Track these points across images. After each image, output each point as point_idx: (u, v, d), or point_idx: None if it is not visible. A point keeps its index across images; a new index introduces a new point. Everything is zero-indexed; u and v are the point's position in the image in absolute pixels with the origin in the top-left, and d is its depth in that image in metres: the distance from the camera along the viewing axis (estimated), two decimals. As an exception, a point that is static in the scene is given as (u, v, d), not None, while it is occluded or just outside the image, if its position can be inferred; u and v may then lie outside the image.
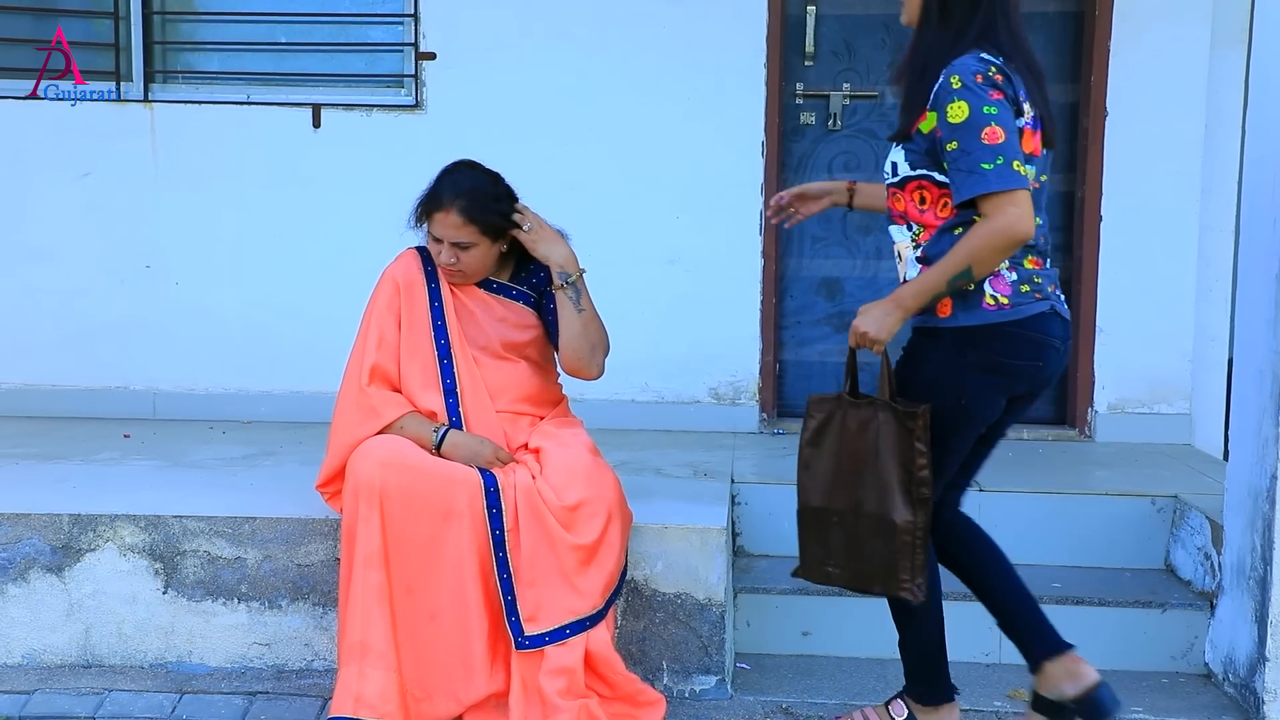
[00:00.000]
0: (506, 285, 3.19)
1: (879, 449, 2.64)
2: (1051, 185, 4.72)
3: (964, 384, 2.64)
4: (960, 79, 2.50)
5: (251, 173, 4.79)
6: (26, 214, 4.83)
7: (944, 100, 2.51)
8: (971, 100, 2.48)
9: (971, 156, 2.48)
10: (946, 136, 2.52)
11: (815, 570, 2.78)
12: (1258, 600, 3.07)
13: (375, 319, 3.11)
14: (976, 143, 2.47)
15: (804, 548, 2.78)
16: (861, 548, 2.68)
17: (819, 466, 2.73)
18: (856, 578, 2.73)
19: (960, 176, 2.50)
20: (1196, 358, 4.67)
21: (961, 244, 2.52)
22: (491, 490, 2.93)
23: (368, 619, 2.86)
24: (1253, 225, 3.17)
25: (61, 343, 4.85)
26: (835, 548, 2.72)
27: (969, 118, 2.48)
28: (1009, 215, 2.46)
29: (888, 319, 2.60)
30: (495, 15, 4.69)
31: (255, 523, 3.28)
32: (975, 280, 2.54)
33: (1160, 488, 3.79)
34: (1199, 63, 4.56)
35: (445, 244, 3.03)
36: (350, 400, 3.06)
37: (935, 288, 2.55)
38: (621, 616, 3.18)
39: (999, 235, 2.47)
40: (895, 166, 2.67)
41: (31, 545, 3.28)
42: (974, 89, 2.49)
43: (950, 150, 2.51)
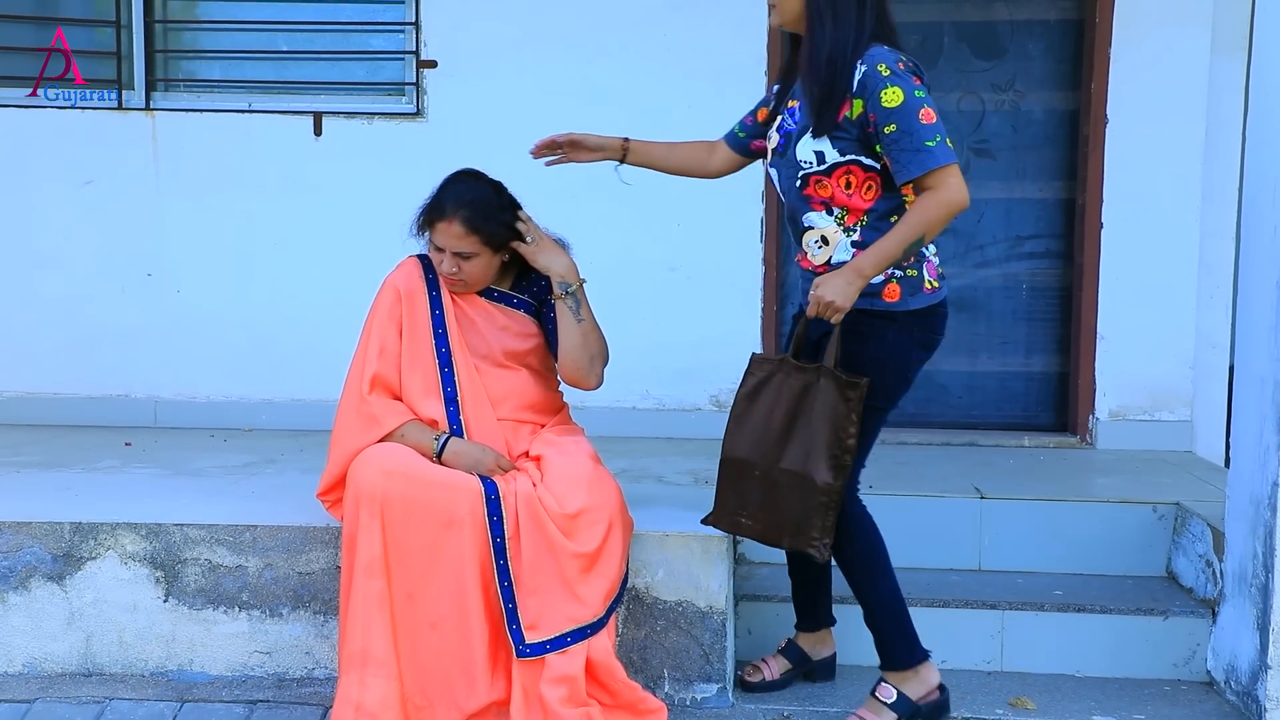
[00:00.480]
0: (507, 294, 3.19)
1: (814, 412, 2.79)
2: (1052, 192, 4.77)
3: (910, 360, 2.89)
4: (887, 66, 2.67)
5: (253, 180, 4.80)
6: (28, 222, 4.84)
7: (876, 87, 2.67)
8: (903, 85, 2.66)
9: (914, 136, 2.65)
10: (883, 120, 2.68)
11: (726, 519, 2.98)
12: (1260, 608, 3.07)
13: (376, 327, 3.11)
14: (916, 123, 2.65)
15: (720, 496, 2.97)
16: (777, 501, 2.85)
17: (750, 420, 2.89)
18: (768, 530, 2.90)
19: (906, 155, 2.67)
20: (1197, 365, 4.67)
21: (914, 215, 2.69)
22: (492, 498, 2.92)
23: (368, 627, 2.86)
24: (1253, 232, 3.17)
25: (63, 351, 4.85)
26: (750, 499, 2.90)
27: (905, 101, 2.66)
28: (952, 187, 2.67)
29: (849, 287, 2.71)
30: (496, 23, 4.70)
31: (256, 531, 3.27)
32: (923, 247, 2.75)
33: (1162, 495, 3.78)
34: (1199, 69, 4.57)
35: (447, 253, 3.03)
36: (351, 408, 3.06)
37: (893, 256, 2.70)
38: (623, 624, 3.18)
39: (946, 206, 2.68)
40: (821, 155, 2.77)
41: (32, 553, 3.28)
42: (901, 75, 2.68)
43: (889, 133, 2.67)
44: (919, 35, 4.77)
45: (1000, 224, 4.83)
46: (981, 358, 4.88)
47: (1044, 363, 4.88)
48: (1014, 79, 4.78)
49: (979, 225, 4.83)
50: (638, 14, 4.67)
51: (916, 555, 3.69)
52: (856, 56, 2.71)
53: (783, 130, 2.91)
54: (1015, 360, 4.88)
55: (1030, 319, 4.87)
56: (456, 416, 3.08)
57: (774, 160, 2.95)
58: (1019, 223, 4.83)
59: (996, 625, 3.41)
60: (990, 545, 3.71)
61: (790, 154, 2.84)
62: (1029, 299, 4.86)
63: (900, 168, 2.69)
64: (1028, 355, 4.87)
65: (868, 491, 3.58)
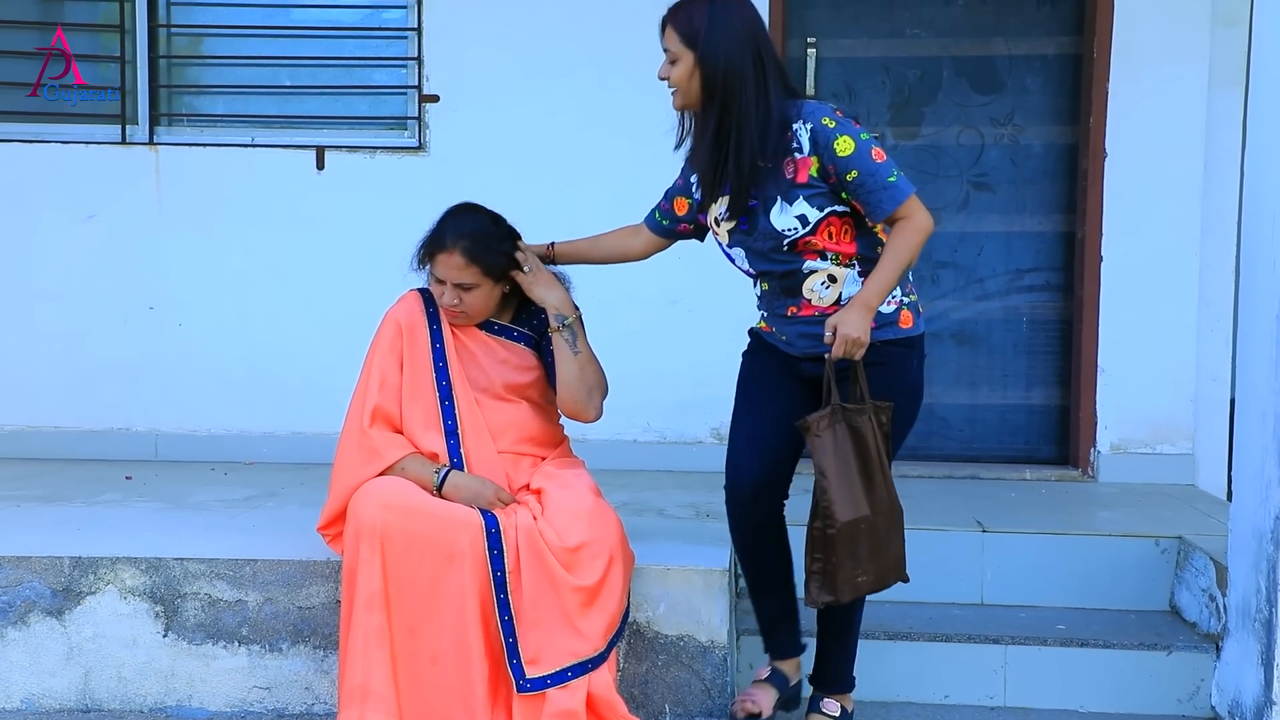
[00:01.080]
0: (507, 327, 3.19)
1: (873, 447, 2.81)
2: (1052, 225, 4.79)
3: (924, 383, 3.04)
4: (829, 119, 2.77)
5: (255, 214, 4.82)
6: (31, 256, 4.86)
7: (828, 140, 2.75)
8: (849, 132, 2.76)
9: (876, 177, 2.75)
10: (843, 169, 2.75)
11: (848, 587, 2.79)
12: (1264, 643, 3.05)
13: (377, 360, 3.11)
14: (874, 164, 2.75)
15: (835, 569, 2.77)
16: (885, 545, 2.83)
17: (840, 481, 2.78)
18: (879, 577, 2.85)
19: (875, 196, 2.75)
20: (1199, 398, 4.67)
21: (899, 244, 2.76)
22: (493, 531, 2.92)
23: (368, 662, 2.85)
24: (1252, 266, 3.17)
25: (64, 384, 4.86)
26: (862, 555, 2.80)
27: (857, 147, 2.75)
28: (922, 213, 2.78)
29: (865, 321, 2.73)
30: (498, 58, 4.73)
31: (256, 565, 3.27)
32: (909, 271, 2.85)
33: (1164, 529, 3.77)
34: (1197, 104, 4.59)
35: (448, 285, 3.04)
36: (352, 442, 3.06)
37: (891, 285, 2.77)
38: (623, 659, 3.16)
39: (923, 231, 2.78)
40: (804, 218, 2.80)
41: (32, 588, 3.27)
42: (844, 123, 2.77)
43: (853, 179, 2.75)
44: (918, 70, 4.80)
45: (1000, 257, 4.84)
46: (983, 390, 4.88)
47: (1045, 395, 4.87)
48: (1013, 113, 4.80)
49: (979, 258, 4.84)
50: (638, 48, 4.67)
51: (918, 589, 3.64)
52: (785, 119, 2.78)
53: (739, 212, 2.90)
54: (1016, 393, 4.88)
55: (1031, 352, 4.87)
56: (457, 449, 3.08)
57: (737, 240, 2.94)
58: (1019, 256, 4.84)
59: (999, 660, 3.39)
60: (992, 579, 3.70)
61: (763, 228, 2.84)
62: (1029, 332, 4.86)
63: (873, 209, 2.77)
64: (1028, 388, 4.87)
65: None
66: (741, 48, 2.77)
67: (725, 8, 2.79)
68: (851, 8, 4.81)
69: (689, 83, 2.83)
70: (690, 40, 2.79)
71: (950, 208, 4.83)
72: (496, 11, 4.73)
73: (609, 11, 4.68)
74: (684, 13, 2.82)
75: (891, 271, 2.75)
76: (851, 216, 2.84)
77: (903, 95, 4.82)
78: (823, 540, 2.76)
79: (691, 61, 2.80)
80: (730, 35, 2.76)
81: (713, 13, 2.78)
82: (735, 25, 2.77)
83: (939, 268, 4.85)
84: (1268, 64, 3.11)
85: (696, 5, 2.80)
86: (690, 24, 2.79)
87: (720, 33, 2.76)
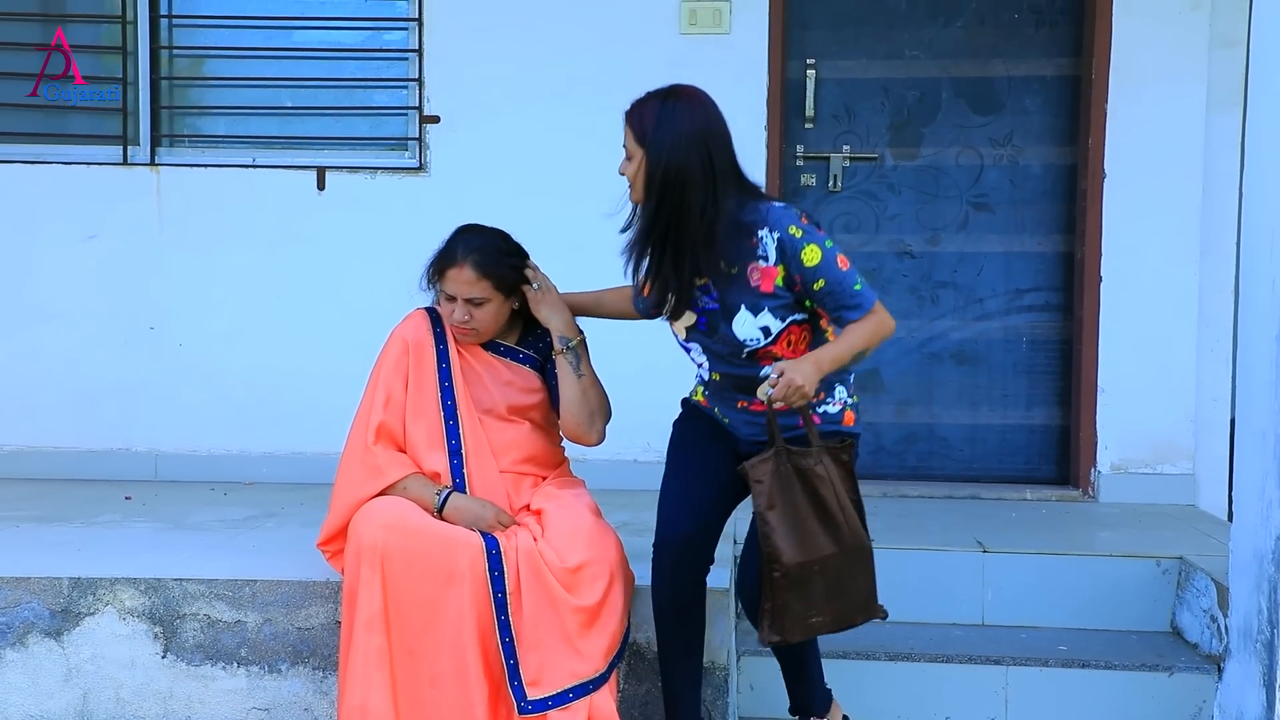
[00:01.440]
0: (513, 349, 3.20)
1: (832, 485, 2.75)
2: (1051, 245, 4.80)
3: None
4: (795, 227, 2.74)
5: (256, 235, 4.82)
6: (31, 276, 4.86)
7: (795, 250, 2.73)
8: (816, 241, 2.74)
9: (844, 285, 2.74)
10: (810, 278, 2.74)
11: (798, 628, 2.75)
12: (1265, 664, 3.05)
13: (383, 378, 3.12)
14: (840, 273, 2.74)
15: (783, 610, 2.73)
16: (844, 584, 2.76)
17: (785, 524, 2.72)
18: (838, 617, 2.79)
19: (843, 305, 2.75)
20: (1199, 418, 4.67)
21: (862, 331, 2.75)
22: (493, 553, 2.91)
23: (368, 682, 2.84)
24: (1252, 286, 3.18)
25: (64, 404, 4.85)
26: (817, 596, 2.74)
27: (824, 256, 2.73)
28: (887, 316, 2.79)
29: (815, 374, 2.67)
30: (499, 79, 4.75)
31: (256, 585, 3.26)
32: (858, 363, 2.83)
33: (1165, 549, 3.77)
34: (1196, 125, 4.60)
35: (459, 301, 3.04)
36: (355, 459, 3.06)
37: (843, 361, 2.75)
38: (624, 680, 3.15)
39: (886, 330, 2.79)
40: (767, 329, 2.80)
41: (30, 609, 3.26)
42: (809, 230, 2.76)
43: (820, 288, 2.75)
44: (917, 91, 4.82)
45: (1000, 277, 4.85)
46: (983, 410, 4.88)
47: (1045, 415, 4.87)
48: (1012, 134, 4.82)
49: (979, 278, 4.85)
50: (639, 70, 4.69)
51: (919, 609, 3.67)
52: (740, 223, 2.76)
53: (700, 309, 2.89)
54: (1016, 413, 4.88)
55: (1031, 372, 4.87)
56: (460, 469, 3.08)
57: (694, 338, 2.94)
58: (1018, 276, 4.85)
59: (1001, 681, 3.38)
60: (993, 599, 3.70)
61: (723, 333, 2.84)
62: (1029, 352, 4.86)
63: (843, 315, 2.77)
64: (1029, 408, 4.87)
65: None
66: (689, 148, 2.75)
67: (675, 107, 2.80)
68: (851, 29, 4.83)
69: (637, 179, 2.83)
70: (641, 138, 2.81)
71: (950, 228, 4.85)
72: (497, 33, 4.75)
73: (608, 33, 4.71)
74: (639, 110, 2.86)
75: (849, 348, 2.74)
76: (809, 322, 2.86)
77: (902, 116, 4.83)
78: (769, 583, 2.72)
79: (640, 158, 2.82)
80: (676, 135, 2.76)
81: (662, 111, 2.80)
82: (683, 125, 2.77)
83: (939, 288, 4.85)
84: (1265, 84, 3.12)
85: (650, 103, 2.84)
86: (642, 122, 2.82)
87: (666, 132, 2.76)
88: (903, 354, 4.87)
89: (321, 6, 4.90)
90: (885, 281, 4.85)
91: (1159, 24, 4.59)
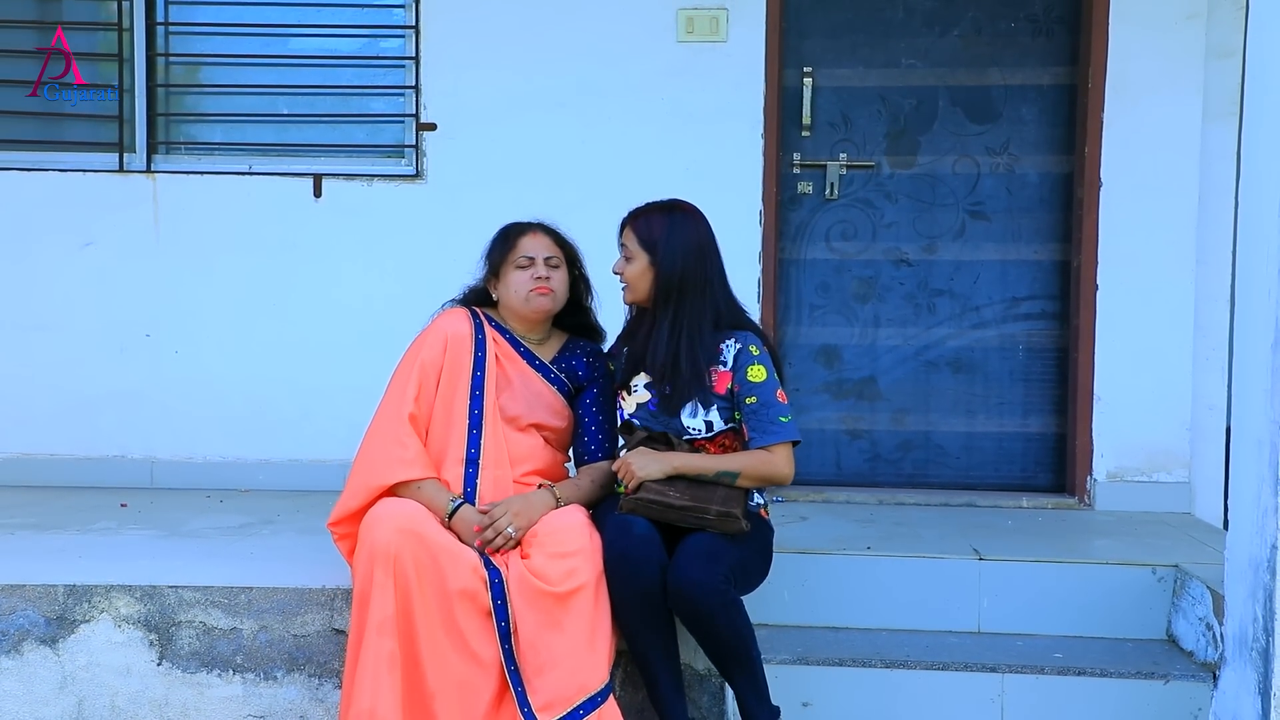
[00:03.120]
0: (547, 366, 3.23)
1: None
2: (1048, 254, 4.80)
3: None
4: (756, 347, 3.10)
5: (252, 242, 4.82)
6: (27, 283, 4.86)
7: (745, 363, 3.08)
8: (766, 365, 3.09)
9: (771, 410, 3.06)
10: (746, 392, 3.07)
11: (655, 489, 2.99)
12: (1261, 672, 3.05)
13: (418, 370, 3.13)
14: (775, 400, 3.07)
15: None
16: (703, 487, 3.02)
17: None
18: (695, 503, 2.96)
19: (763, 425, 3.05)
20: (1195, 426, 4.67)
21: (745, 458, 3.05)
22: (495, 583, 2.91)
23: (377, 687, 2.82)
24: (1248, 295, 3.18)
25: (60, 412, 4.85)
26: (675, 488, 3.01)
27: (767, 379, 3.08)
28: (785, 460, 3.06)
29: (655, 466, 3.01)
30: (496, 87, 4.75)
31: (252, 593, 3.26)
32: (729, 482, 3.03)
33: (1161, 557, 3.77)
34: (1192, 135, 4.61)
35: (538, 261, 3.17)
36: (384, 442, 3.06)
37: (703, 470, 3.03)
38: (620, 687, 3.15)
39: (772, 473, 3.05)
40: (710, 424, 3.12)
41: (25, 617, 3.26)
42: (765, 357, 3.10)
43: (750, 403, 3.07)
44: (914, 99, 4.83)
45: (996, 285, 4.86)
46: (979, 418, 4.88)
47: (1041, 423, 4.88)
48: (1008, 142, 4.83)
49: (975, 286, 4.85)
50: (636, 78, 4.73)
51: (914, 617, 3.67)
52: (723, 334, 3.11)
53: (654, 390, 3.16)
54: (1013, 421, 4.89)
55: (1027, 380, 4.88)
56: (474, 479, 3.09)
57: (640, 415, 3.17)
58: (1015, 284, 4.86)
59: (997, 689, 3.38)
60: (989, 607, 3.69)
61: (671, 418, 3.12)
62: (1026, 360, 4.87)
63: (756, 435, 3.05)
64: (1025, 416, 4.88)
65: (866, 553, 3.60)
66: (694, 257, 3.11)
67: (683, 220, 3.15)
68: (848, 38, 4.84)
69: (640, 280, 3.15)
70: (648, 245, 3.12)
71: (946, 236, 4.85)
72: (494, 40, 4.76)
73: (605, 41, 4.72)
74: (644, 219, 3.17)
75: (714, 463, 3.03)
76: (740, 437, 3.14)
77: (899, 124, 4.84)
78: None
79: (646, 263, 3.12)
80: (685, 244, 3.11)
81: (670, 222, 3.14)
82: (690, 236, 3.13)
83: (935, 296, 4.86)
84: (1261, 94, 3.13)
85: (656, 215, 3.16)
86: (650, 230, 3.13)
87: (678, 241, 3.11)
88: (899, 362, 4.88)
89: (318, 14, 4.90)
90: (882, 290, 4.86)
91: (1155, 33, 4.60)
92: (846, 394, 4.91)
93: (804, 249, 4.87)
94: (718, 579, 2.85)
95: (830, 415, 4.89)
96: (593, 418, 3.26)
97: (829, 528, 4.17)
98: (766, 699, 3.01)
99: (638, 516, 2.96)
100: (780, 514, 4.32)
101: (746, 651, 2.95)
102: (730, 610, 2.88)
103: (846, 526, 4.19)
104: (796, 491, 4.74)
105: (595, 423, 3.26)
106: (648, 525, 2.96)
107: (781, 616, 3.63)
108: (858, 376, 4.91)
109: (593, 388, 3.29)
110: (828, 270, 4.88)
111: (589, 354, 3.33)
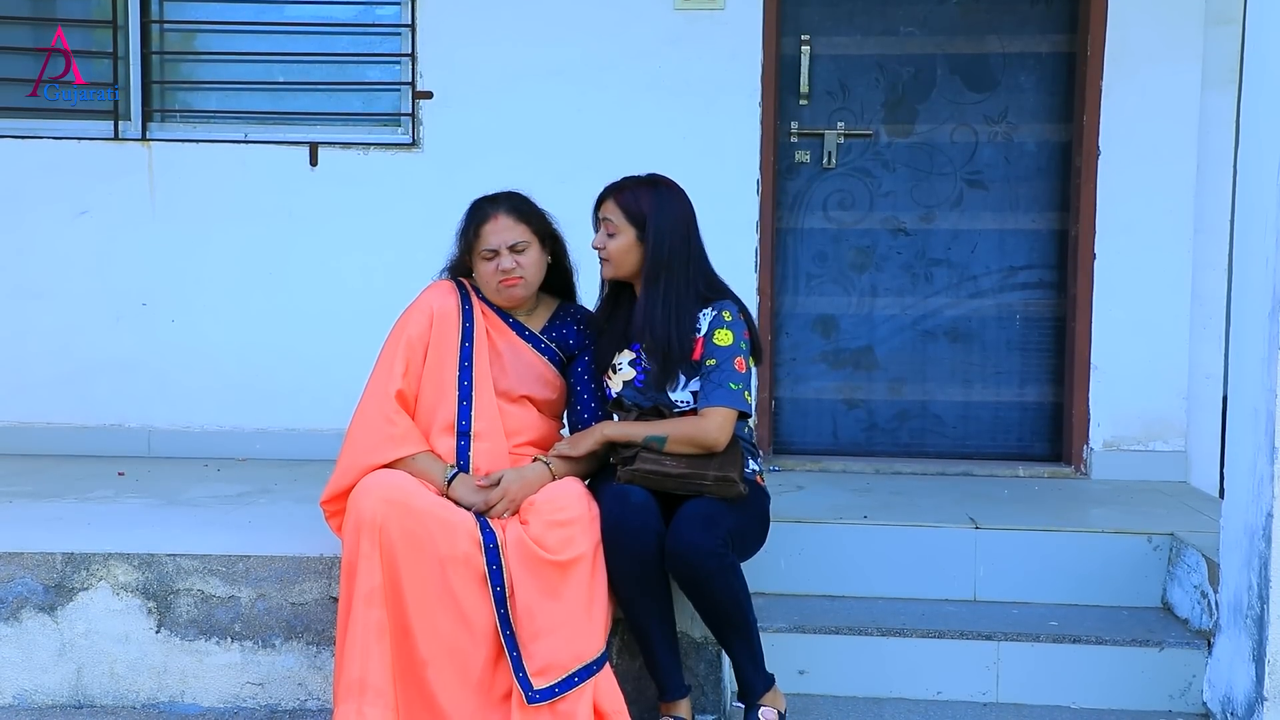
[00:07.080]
0: (537, 336, 3.21)
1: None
2: (1045, 223, 4.80)
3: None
4: (730, 313, 3.08)
5: (248, 210, 4.81)
6: (23, 252, 4.85)
7: (714, 325, 3.07)
8: (736, 332, 3.06)
9: (724, 373, 3.02)
10: (708, 353, 3.05)
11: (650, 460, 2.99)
12: (1255, 639, 3.06)
13: (404, 346, 3.11)
14: (731, 366, 3.03)
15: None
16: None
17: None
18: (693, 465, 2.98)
19: (711, 385, 3.02)
20: (1192, 395, 4.68)
21: (676, 423, 3.01)
22: (491, 547, 2.91)
23: (367, 656, 2.83)
24: (1245, 263, 3.18)
25: (56, 381, 4.85)
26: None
27: (731, 345, 3.04)
28: (717, 428, 2.98)
29: (587, 439, 3.08)
30: (492, 55, 4.73)
31: (249, 561, 3.26)
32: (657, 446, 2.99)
33: (1157, 525, 3.78)
34: (1190, 103, 4.60)
35: (503, 253, 3.10)
36: (374, 422, 3.05)
37: (634, 438, 3.01)
38: (616, 655, 3.16)
39: (699, 437, 2.98)
40: (696, 395, 3.09)
41: (24, 584, 3.27)
42: (736, 325, 3.07)
43: (709, 365, 3.04)
44: (912, 68, 4.80)
45: (994, 255, 4.85)
46: (976, 388, 4.88)
47: (1038, 393, 4.88)
48: (1006, 111, 4.81)
49: (972, 256, 4.85)
50: (633, 47, 4.70)
51: (911, 585, 3.68)
52: (707, 300, 3.10)
53: (640, 366, 3.15)
54: (1009, 390, 4.89)
55: (1024, 349, 4.88)
56: (466, 450, 3.08)
57: (628, 391, 3.15)
58: (1012, 253, 4.85)
59: (992, 656, 3.40)
60: (985, 575, 3.71)
61: (656, 397, 3.10)
62: (1023, 329, 4.87)
63: (704, 394, 3.03)
64: (1022, 385, 4.88)
65: (862, 521, 3.60)
66: (680, 231, 3.10)
67: (668, 194, 3.14)
68: (845, 6, 4.82)
69: (626, 255, 3.11)
70: (636, 219, 3.10)
71: (944, 205, 4.84)
72: (490, 9, 4.73)
73: (603, 9, 4.69)
74: (631, 193, 3.13)
75: (643, 429, 3.00)
76: None
77: (897, 93, 4.82)
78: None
79: (633, 238, 3.10)
80: (673, 219, 3.10)
81: (658, 196, 3.11)
82: (676, 211, 3.11)
83: (933, 265, 4.85)
84: (1260, 62, 3.12)
85: (643, 189, 3.13)
86: (638, 204, 3.10)
87: (665, 216, 3.09)
88: (896, 331, 4.88)
89: (314, -19, 4.88)
90: (879, 259, 4.85)
91: (1153, 1, 4.57)
92: (843, 364, 4.91)
93: (801, 218, 4.86)
94: (716, 542, 2.86)
95: (827, 385, 4.89)
96: (585, 386, 3.25)
97: (826, 497, 4.18)
98: (762, 666, 3.03)
99: (635, 486, 2.97)
100: (777, 483, 4.33)
101: (743, 617, 2.96)
102: (728, 574, 2.89)
103: (843, 496, 4.20)
104: (793, 461, 4.75)
105: (588, 391, 3.26)
106: (645, 494, 2.96)
107: (778, 585, 3.65)
108: (855, 346, 4.91)
109: (584, 355, 3.28)
110: (825, 240, 4.87)
111: (579, 321, 3.32)
